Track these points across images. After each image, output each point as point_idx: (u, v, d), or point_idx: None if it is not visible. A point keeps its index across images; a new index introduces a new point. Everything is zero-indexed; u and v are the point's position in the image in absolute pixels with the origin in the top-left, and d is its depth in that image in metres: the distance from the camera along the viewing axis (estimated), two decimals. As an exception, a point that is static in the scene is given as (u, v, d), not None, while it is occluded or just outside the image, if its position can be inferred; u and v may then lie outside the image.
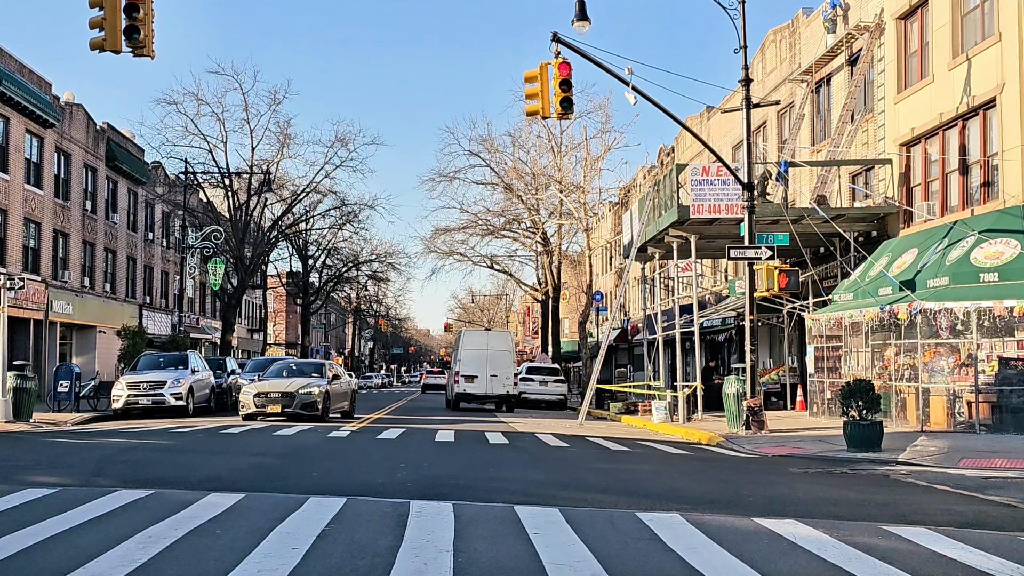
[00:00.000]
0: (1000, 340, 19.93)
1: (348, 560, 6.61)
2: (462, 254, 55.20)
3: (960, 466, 14.20)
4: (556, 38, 18.77)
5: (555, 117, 19.19)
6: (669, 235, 27.51)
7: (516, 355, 42.96)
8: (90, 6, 14.33)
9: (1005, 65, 20.38)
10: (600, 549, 7.13)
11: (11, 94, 32.61)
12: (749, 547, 7.39)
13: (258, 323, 72.21)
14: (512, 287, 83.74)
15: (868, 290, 22.20)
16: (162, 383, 26.48)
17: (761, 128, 33.67)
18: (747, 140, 22.20)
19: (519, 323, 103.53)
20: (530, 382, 40.07)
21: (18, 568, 6.25)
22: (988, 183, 21.40)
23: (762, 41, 34.91)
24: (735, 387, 21.82)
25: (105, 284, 43.39)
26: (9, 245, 33.91)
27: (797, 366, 30.13)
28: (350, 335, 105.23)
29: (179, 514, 8.19)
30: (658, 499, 10.20)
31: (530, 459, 14.94)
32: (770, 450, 17.32)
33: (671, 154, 46.88)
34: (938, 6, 23.04)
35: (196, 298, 58.27)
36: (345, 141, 51.86)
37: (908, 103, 24.41)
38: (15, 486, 9.86)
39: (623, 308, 53.63)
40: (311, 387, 23.84)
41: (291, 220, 56.70)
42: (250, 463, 12.95)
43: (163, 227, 52.18)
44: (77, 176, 40.06)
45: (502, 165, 50.13)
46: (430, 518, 8.23)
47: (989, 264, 19.02)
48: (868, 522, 8.57)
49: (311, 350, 72.82)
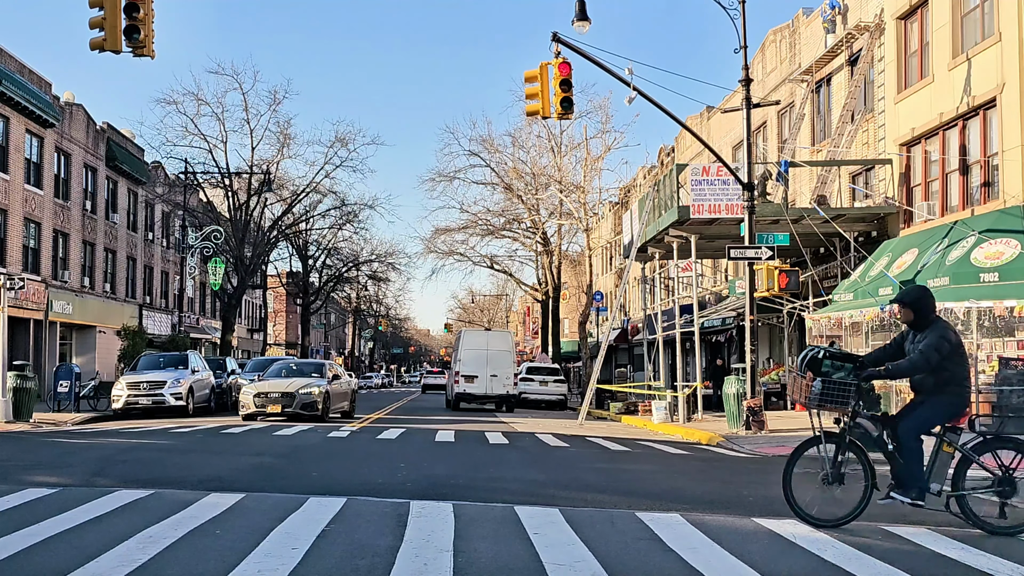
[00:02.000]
0: (1000, 340, 19.93)
1: (348, 560, 6.61)
2: (462, 254, 55.25)
3: (960, 466, 14.18)
4: (556, 38, 18.78)
5: (555, 117, 19.20)
6: (669, 235, 27.51)
7: (516, 355, 42.94)
8: (90, 6, 14.33)
9: (1005, 65, 20.38)
10: (600, 549, 7.13)
11: (11, 94, 32.61)
12: (749, 547, 7.39)
13: (258, 323, 72.21)
14: (512, 287, 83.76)
15: (868, 290, 22.20)
16: (162, 383, 26.48)
17: (761, 128, 33.67)
18: (747, 140, 22.20)
19: (519, 323, 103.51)
20: (530, 382, 40.08)
21: (18, 568, 6.25)
22: (988, 183, 21.40)
23: (762, 41, 34.92)
24: (735, 387, 21.83)
25: (105, 284, 43.40)
26: (9, 245, 33.91)
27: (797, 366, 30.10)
28: (350, 335, 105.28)
29: (179, 514, 8.19)
30: (658, 499, 10.20)
31: (530, 459, 14.94)
32: (770, 450, 17.31)
33: (671, 154, 46.87)
34: (938, 6, 23.04)
35: (196, 298, 58.28)
36: (345, 141, 51.96)
37: (908, 103, 24.40)
38: (15, 486, 9.86)
39: (623, 308, 53.63)
40: (311, 387, 23.85)
41: (291, 220, 56.72)
42: (250, 463, 12.95)
43: (163, 227, 52.20)
44: (77, 176, 40.07)
45: (502, 165, 50.18)
46: (430, 518, 8.23)
47: (989, 264, 19.01)
48: (868, 522, 8.56)
49: (311, 350, 72.83)
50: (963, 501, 8.12)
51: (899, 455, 8.13)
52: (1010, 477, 8.09)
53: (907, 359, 8.16)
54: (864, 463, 8.21)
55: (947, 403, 8.11)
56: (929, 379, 8.11)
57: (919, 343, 8.14)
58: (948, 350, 8.02)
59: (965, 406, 8.18)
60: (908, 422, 8.15)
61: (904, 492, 8.06)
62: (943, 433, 8.14)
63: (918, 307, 8.23)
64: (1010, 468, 8.11)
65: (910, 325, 8.33)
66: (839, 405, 8.21)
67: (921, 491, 8.02)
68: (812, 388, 8.21)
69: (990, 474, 8.15)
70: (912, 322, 8.27)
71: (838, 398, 8.18)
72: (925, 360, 7.99)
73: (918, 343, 8.15)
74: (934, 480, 8.08)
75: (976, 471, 8.21)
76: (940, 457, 8.12)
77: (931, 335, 8.06)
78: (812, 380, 8.24)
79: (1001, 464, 8.14)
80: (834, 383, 8.17)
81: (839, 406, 8.22)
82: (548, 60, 18.69)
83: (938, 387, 8.09)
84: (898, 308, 8.41)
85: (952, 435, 8.14)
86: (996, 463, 8.15)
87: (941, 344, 8.00)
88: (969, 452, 8.13)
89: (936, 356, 7.98)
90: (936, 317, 8.25)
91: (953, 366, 8.09)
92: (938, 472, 8.10)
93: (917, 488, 8.02)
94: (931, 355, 7.97)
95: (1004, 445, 8.14)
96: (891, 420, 8.29)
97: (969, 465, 8.14)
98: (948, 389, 8.09)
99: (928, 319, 8.21)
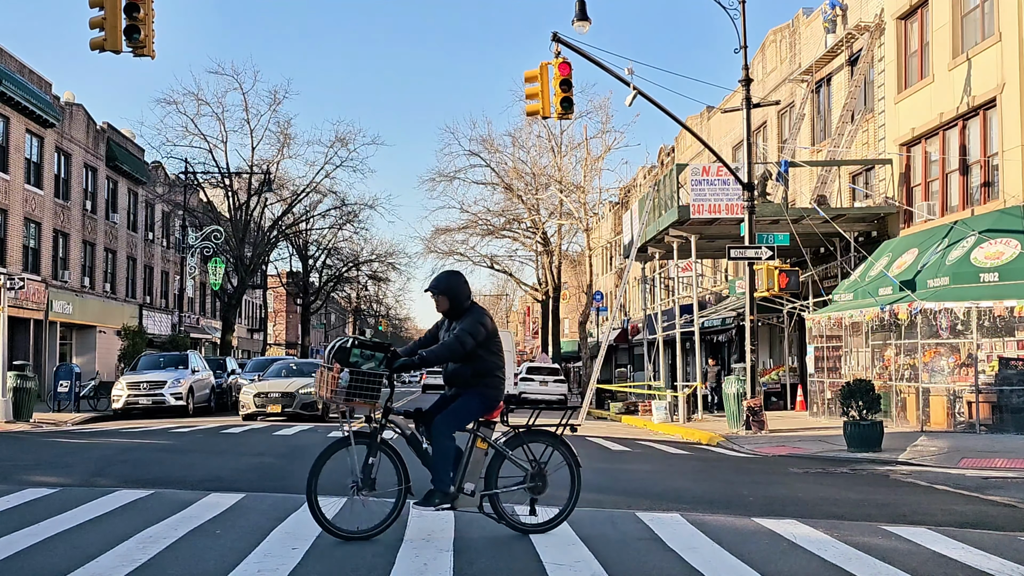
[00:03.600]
0: (1000, 340, 19.94)
1: (348, 560, 6.62)
2: (462, 254, 55.22)
3: (960, 466, 14.20)
4: (556, 38, 18.77)
5: (555, 117, 19.20)
6: (669, 235, 27.52)
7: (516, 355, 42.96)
8: (90, 6, 14.33)
9: (1005, 65, 20.38)
10: (600, 549, 7.13)
11: (11, 94, 32.61)
12: (749, 547, 7.39)
13: (258, 323, 72.21)
14: (512, 287, 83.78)
15: (868, 290, 22.20)
16: (162, 383, 26.50)
17: (761, 128, 33.67)
18: (747, 140, 22.20)
19: (519, 323, 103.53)
20: (530, 382, 40.10)
21: (18, 568, 6.25)
22: (988, 183, 21.40)
23: (762, 41, 34.93)
24: (735, 387, 21.84)
25: (105, 284, 43.40)
26: (9, 245, 33.91)
27: (797, 366, 30.14)
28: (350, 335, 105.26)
29: (179, 514, 8.19)
30: (658, 499, 10.20)
31: (530, 459, 14.92)
32: (770, 450, 17.32)
33: (671, 154, 46.88)
34: (938, 6, 23.04)
35: (196, 298, 58.29)
36: (345, 141, 51.89)
37: (908, 103, 24.41)
38: (15, 486, 9.86)
39: (623, 308, 53.64)
40: (311, 387, 23.85)
41: (291, 220, 56.69)
42: (250, 463, 12.95)
43: (163, 227, 52.21)
44: (77, 176, 40.07)
45: (502, 165, 50.16)
46: (430, 518, 8.23)
47: (989, 264, 19.02)
48: (868, 522, 8.57)
49: (311, 350, 72.79)
50: (496, 500, 7.54)
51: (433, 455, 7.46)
52: (541, 472, 7.62)
53: (441, 344, 7.52)
54: (397, 466, 7.52)
55: (482, 396, 7.51)
56: (464, 369, 7.50)
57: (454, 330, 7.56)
58: (484, 336, 7.46)
59: (500, 399, 7.59)
60: (442, 417, 7.46)
61: (428, 499, 7.33)
62: (476, 428, 7.53)
63: (452, 294, 7.57)
64: (541, 462, 7.64)
65: (445, 314, 7.70)
66: (368, 399, 7.36)
67: (446, 495, 7.32)
68: (339, 381, 7.32)
69: (522, 469, 7.62)
70: (447, 311, 7.64)
71: (367, 391, 7.34)
72: (460, 344, 7.37)
73: (453, 330, 7.56)
74: (468, 479, 7.44)
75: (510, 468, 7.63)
76: (474, 454, 7.51)
77: (467, 320, 7.49)
78: (339, 372, 7.35)
79: (533, 458, 7.64)
80: (363, 375, 7.34)
81: (369, 400, 7.37)
82: (548, 60, 18.69)
83: (474, 378, 7.50)
84: (432, 296, 7.69)
85: (486, 430, 7.56)
86: (528, 457, 7.64)
87: (477, 329, 7.42)
88: (502, 447, 7.58)
89: (471, 341, 7.38)
90: (473, 303, 7.65)
91: (488, 355, 7.53)
92: (471, 471, 7.47)
93: (442, 492, 7.32)
94: (466, 339, 7.37)
95: (535, 439, 7.67)
96: (425, 416, 7.57)
97: (502, 461, 7.57)
98: (484, 381, 7.50)
99: (463, 306, 7.60)
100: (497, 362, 7.61)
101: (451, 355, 7.43)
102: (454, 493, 7.36)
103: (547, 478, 7.63)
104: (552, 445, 7.70)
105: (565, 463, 7.71)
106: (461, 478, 7.43)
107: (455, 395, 7.59)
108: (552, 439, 7.70)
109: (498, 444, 7.60)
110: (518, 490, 7.63)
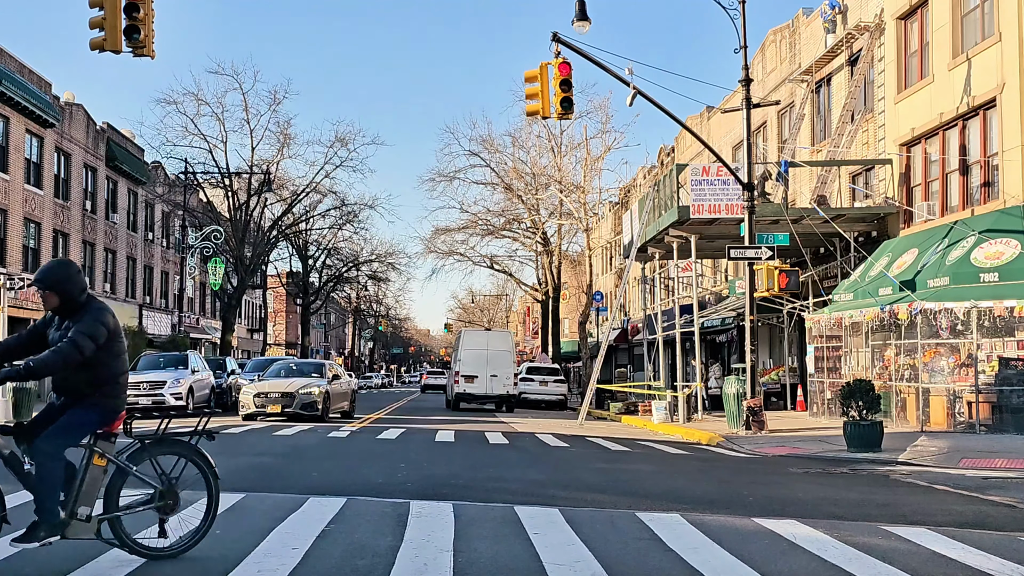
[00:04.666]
0: (1000, 340, 19.94)
1: (348, 560, 6.62)
2: (462, 254, 55.25)
3: (960, 466, 14.20)
4: (556, 38, 18.78)
5: (555, 117, 19.20)
6: (669, 235, 27.51)
7: (516, 355, 42.94)
8: (90, 6, 14.32)
9: (1005, 65, 20.38)
10: (600, 549, 7.13)
11: (11, 94, 32.61)
12: (749, 547, 7.39)
13: (258, 323, 72.21)
14: (512, 287, 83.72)
15: (868, 290, 22.20)
16: (162, 383, 26.46)
17: (761, 128, 33.67)
18: (747, 140, 22.19)
19: (519, 323, 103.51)
20: (530, 382, 40.09)
21: (19, 568, 6.25)
22: (988, 183, 21.40)
23: (762, 41, 34.93)
24: (735, 387, 21.83)
25: (105, 284, 43.40)
26: (9, 245, 33.92)
27: (797, 366, 30.14)
28: (350, 335, 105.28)
29: (179, 514, 8.16)
30: (658, 499, 10.20)
31: (530, 459, 14.94)
32: (770, 450, 17.31)
33: (671, 154, 46.87)
34: (938, 6, 23.04)
35: (196, 298, 58.28)
36: (345, 141, 51.94)
37: (908, 103, 24.40)
38: (14, 486, 9.83)
39: (623, 308, 53.62)
40: (311, 387, 23.84)
41: (291, 220, 56.72)
42: (250, 463, 12.94)
43: (163, 227, 52.21)
44: (77, 176, 40.08)
45: (502, 165, 50.17)
46: (430, 518, 8.23)
47: (989, 264, 19.02)
48: (868, 522, 8.57)
49: (311, 350, 72.82)
50: (118, 524, 6.47)
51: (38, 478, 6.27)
52: (172, 489, 6.71)
53: (53, 350, 6.20)
54: None
55: (100, 407, 6.43)
56: (80, 375, 6.36)
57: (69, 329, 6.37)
58: (105, 337, 6.35)
59: (121, 408, 6.60)
60: (49, 433, 6.28)
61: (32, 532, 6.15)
62: (94, 442, 6.42)
63: (62, 288, 6.36)
64: (172, 477, 6.72)
65: (55, 311, 6.48)
66: None
67: (54, 526, 6.17)
68: None
69: (150, 487, 6.67)
70: (58, 307, 6.42)
71: None
72: (78, 350, 6.18)
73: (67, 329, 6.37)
74: (83, 503, 6.30)
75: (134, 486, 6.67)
76: (91, 472, 6.37)
77: (86, 319, 6.32)
78: None
79: (162, 473, 6.70)
80: None
81: None
82: (548, 60, 18.69)
83: (89, 387, 6.39)
84: (38, 292, 6.50)
85: (105, 443, 6.46)
86: (157, 472, 6.69)
87: (96, 330, 6.29)
88: (125, 463, 6.54)
89: (91, 345, 6.24)
90: (90, 297, 6.52)
91: (110, 358, 6.45)
92: (87, 492, 6.33)
93: (48, 524, 6.16)
94: (84, 344, 6.21)
95: (165, 450, 6.76)
96: (27, 431, 6.36)
97: (126, 478, 6.54)
98: (102, 390, 6.43)
99: (78, 301, 6.41)
100: (120, 367, 6.56)
101: (66, 364, 6.21)
102: (65, 520, 6.24)
103: (179, 495, 6.78)
104: (185, 456, 6.83)
105: (201, 476, 6.88)
106: (74, 501, 6.30)
107: (65, 406, 6.44)
108: (185, 449, 6.85)
109: (119, 459, 6.54)
110: (144, 510, 6.65)
